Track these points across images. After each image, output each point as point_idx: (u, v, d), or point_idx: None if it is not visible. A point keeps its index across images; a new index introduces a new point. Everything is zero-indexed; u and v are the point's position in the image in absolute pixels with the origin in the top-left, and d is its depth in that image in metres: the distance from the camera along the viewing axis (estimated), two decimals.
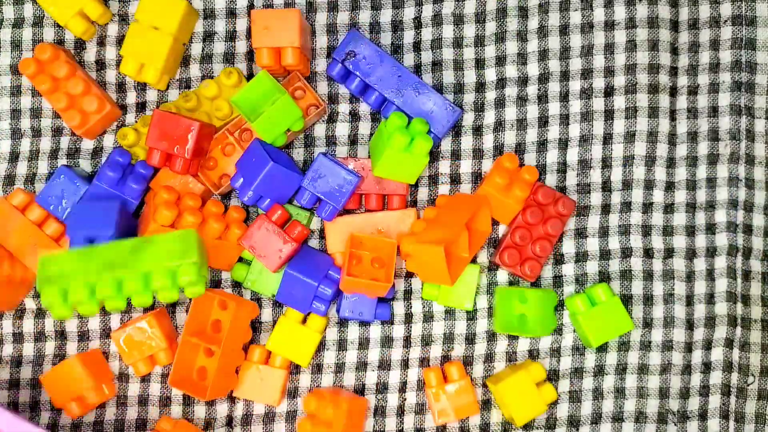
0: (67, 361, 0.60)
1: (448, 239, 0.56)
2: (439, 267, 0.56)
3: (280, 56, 0.60)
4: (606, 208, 0.62)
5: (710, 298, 0.62)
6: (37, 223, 0.61)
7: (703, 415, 0.61)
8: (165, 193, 0.58)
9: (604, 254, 0.62)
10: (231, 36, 0.64)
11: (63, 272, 0.53)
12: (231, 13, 0.64)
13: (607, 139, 0.62)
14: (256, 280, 0.62)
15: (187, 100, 0.61)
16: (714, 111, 0.62)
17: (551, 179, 0.63)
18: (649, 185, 0.62)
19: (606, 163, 0.62)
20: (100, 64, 0.64)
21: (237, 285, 0.63)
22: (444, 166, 0.63)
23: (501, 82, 0.63)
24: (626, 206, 0.62)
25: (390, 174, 0.60)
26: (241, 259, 0.63)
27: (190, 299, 0.61)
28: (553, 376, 0.62)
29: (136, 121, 0.64)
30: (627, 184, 0.62)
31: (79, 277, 0.53)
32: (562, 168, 0.63)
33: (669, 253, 0.62)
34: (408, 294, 0.63)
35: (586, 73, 0.63)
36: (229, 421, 0.62)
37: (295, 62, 0.60)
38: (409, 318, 0.63)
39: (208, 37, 0.64)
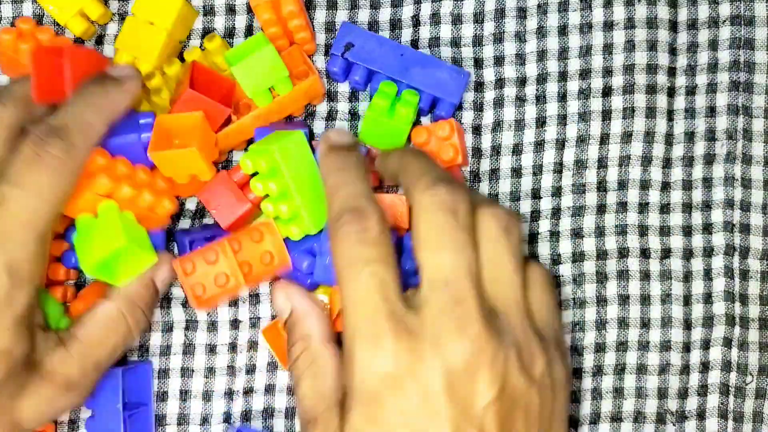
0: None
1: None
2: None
3: (280, 7, 0.59)
4: (602, 209, 0.62)
5: (708, 298, 0.62)
6: None
7: (701, 415, 0.61)
8: (100, 157, 0.53)
9: (601, 254, 0.62)
10: (230, 33, 0.64)
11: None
12: (230, 10, 0.64)
13: (604, 139, 0.62)
14: None
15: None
16: (711, 111, 0.62)
17: (547, 179, 0.63)
18: (645, 185, 0.62)
19: (602, 164, 0.62)
20: None
21: None
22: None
23: (499, 83, 0.63)
24: (622, 206, 0.62)
25: (373, 141, 0.60)
26: None
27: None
28: None
29: None
30: (623, 185, 0.62)
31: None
32: (558, 168, 0.63)
33: (666, 253, 0.62)
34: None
35: (585, 74, 0.63)
36: (227, 418, 0.63)
37: (297, 8, 0.59)
38: None
39: (207, 33, 0.64)
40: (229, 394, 0.63)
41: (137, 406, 0.60)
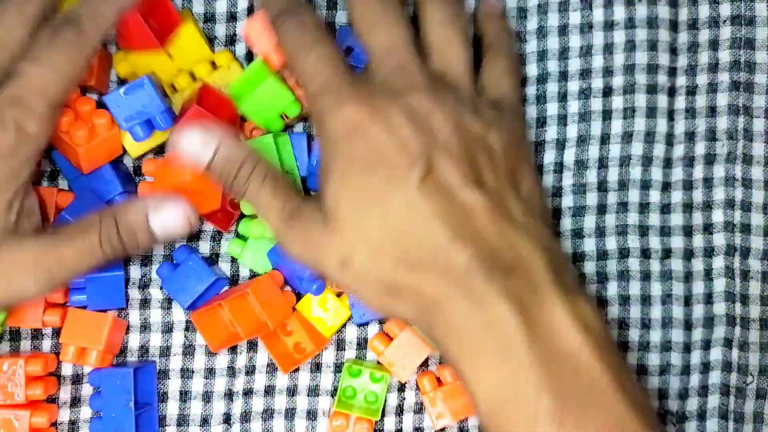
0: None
1: None
2: None
3: None
4: (602, 209, 0.62)
5: (708, 298, 0.62)
6: None
7: (701, 416, 0.61)
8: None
9: (601, 255, 0.62)
10: (231, 40, 0.64)
11: None
12: (232, 17, 0.64)
13: (605, 139, 0.62)
14: (253, 258, 0.62)
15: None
16: (712, 111, 0.62)
17: (548, 179, 0.63)
18: (645, 186, 0.62)
19: (602, 164, 0.62)
20: None
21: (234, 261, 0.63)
22: None
23: None
24: (623, 207, 0.62)
25: None
26: (237, 235, 0.62)
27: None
28: None
29: None
30: (623, 185, 0.62)
31: None
32: (559, 168, 0.63)
33: (666, 253, 0.62)
34: None
35: (585, 74, 0.63)
36: (227, 419, 0.63)
37: None
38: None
39: (209, 41, 0.64)
40: (229, 395, 0.63)
41: (143, 406, 0.61)
